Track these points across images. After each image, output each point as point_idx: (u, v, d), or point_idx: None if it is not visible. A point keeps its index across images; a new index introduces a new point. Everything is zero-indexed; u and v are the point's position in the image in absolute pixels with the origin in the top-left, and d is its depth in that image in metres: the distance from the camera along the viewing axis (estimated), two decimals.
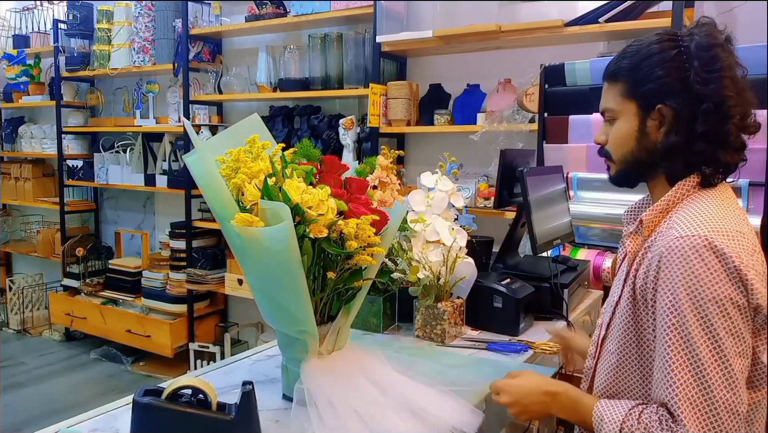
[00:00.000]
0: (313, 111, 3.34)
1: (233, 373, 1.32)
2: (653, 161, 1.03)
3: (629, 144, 1.05)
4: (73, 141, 4.42)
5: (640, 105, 1.02)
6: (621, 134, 1.05)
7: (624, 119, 1.05)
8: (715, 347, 0.88)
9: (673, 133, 0.99)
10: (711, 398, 0.87)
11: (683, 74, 0.97)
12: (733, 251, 0.89)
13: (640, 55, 1.02)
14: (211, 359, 3.65)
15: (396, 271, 1.46)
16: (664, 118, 1.00)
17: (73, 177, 4.31)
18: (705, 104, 0.96)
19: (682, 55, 0.98)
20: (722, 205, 0.98)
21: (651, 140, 1.02)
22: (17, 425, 3.13)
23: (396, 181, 1.31)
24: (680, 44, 0.99)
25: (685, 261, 0.90)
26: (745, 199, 1.88)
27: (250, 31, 3.48)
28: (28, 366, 3.98)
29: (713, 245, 0.89)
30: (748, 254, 0.91)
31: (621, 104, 1.05)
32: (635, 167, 1.06)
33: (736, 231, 0.92)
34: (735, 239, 0.91)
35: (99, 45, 4.01)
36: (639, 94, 1.02)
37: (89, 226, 4.68)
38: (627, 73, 1.03)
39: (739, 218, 0.97)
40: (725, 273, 0.88)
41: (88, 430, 1.04)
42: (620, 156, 1.07)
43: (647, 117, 1.02)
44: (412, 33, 2.77)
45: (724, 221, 0.93)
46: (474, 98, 2.82)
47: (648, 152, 1.03)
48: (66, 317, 4.25)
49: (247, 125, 1.17)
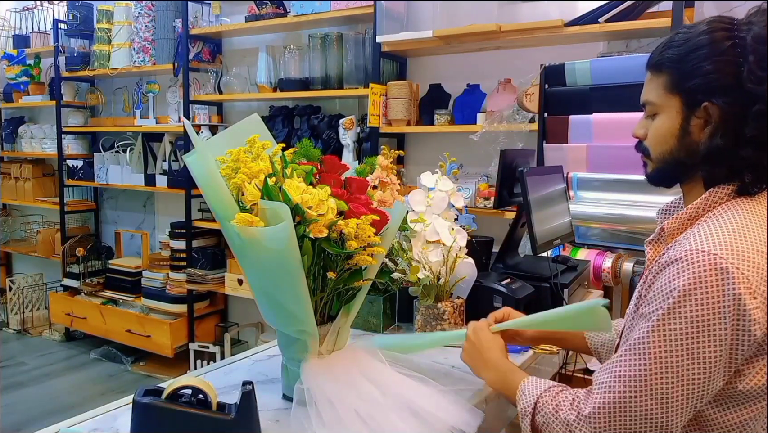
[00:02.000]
0: (313, 111, 3.34)
1: (233, 373, 1.32)
2: (693, 163, 0.95)
3: (669, 142, 0.96)
4: (73, 141, 4.42)
5: (684, 101, 0.93)
6: (662, 131, 0.97)
7: (666, 115, 0.96)
8: (675, 362, 0.84)
9: (718, 135, 0.90)
10: (640, 406, 0.86)
11: (735, 69, 0.88)
12: (741, 274, 0.82)
13: (688, 45, 0.92)
14: (211, 359, 3.65)
15: (396, 271, 1.46)
16: (710, 117, 0.91)
17: (73, 177, 4.31)
18: (757, 106, 0.87)
19: (736, 48, 0.88)
20: (753, 218, 0.89)
21: (693, 140, 0.93)
22: (17, 425, 3.13)
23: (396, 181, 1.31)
24: (735, 35, 0.89)
25: (686, 274, 0.84)
26: None
27: (250, 31, 3.48)
28: (28, 366, 3.98)
29: (720, 267, 0.83)
30: (761, 278, 0.83)
31: (664, 98, 0.96)
32: (674, 167, 0.98)
33: (757, 250, 0.85)
34: (750, 259, 0.83)
35: (99, 45, 4.01)
36: (684, 89, 0.93)
37: (89, 226, 4.68)
38: (672, 65, 0.94)
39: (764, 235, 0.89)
40: (721, 299, 0.82)
41: (88, 430, 1.04)
42: (659, 154, 0.99)
43: (691, 114, 0.93)
44: (412, 33, 2.77)
45: (746, 237, 0.86)
46: (474, 98, 2.82)
47: (689, 153, 0.95)
48: (66, 317, 4.25)
49: (247, 125, 1.17)
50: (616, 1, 2.28)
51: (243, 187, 1.02)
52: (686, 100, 0.93)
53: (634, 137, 1.03)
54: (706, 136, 0.92)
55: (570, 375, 1.63)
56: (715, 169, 0.93)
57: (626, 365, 0.89)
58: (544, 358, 1.50)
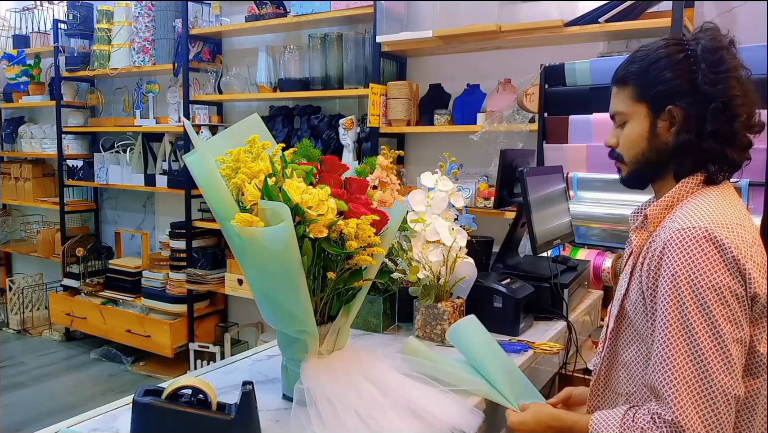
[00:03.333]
0: (313, 111, 3.34)
1: (233, 373, 1.32)
2: (663, 161, 1.07)
3: (641, 145, 1.08)
4: (73, 141, 4.42)
5: (650, 107, 1.06)
6: (632, 136, 1.09)
7: (635, 121, 1.08)
8: (714, 333, 0.91)
9: (684, 132, 1.02)
10: (708, 383, 0.90)
11: (691, 76, 1.01)
12: (731, 242, 0.93)
13: (648, 59, 1.05)
14: (211, 359, 3.65)
15: (396, 271, 1.46)
16: (675, 119, 1.03)
17: (73, 177, 4.31)
18: (713, 104, 1.00)
19: (689, 59, 1.02)
20: (724, 200, 1.02)
21: (662, 140, 1.06)
22: (17, 425, 3.13)
23: (396, 181, 1.31)
24: (687, 48, 1.03)
25: (686, 251, 0.94)
26: (745, 199, 1.88)
27: (250, 31, 3.48)
28: (28, 366, 3.98)
29: (712, 236, 0.93)
30: (747, 246, 0.94)
31: (631, 107, 1.08)
32: (646, 168, 1.09)
33: (736, 224, 0.96)
34: (734, 230, 0.95)
35: (99, 45, 4.01)
36: (649, 96, 1.05)
37: (89, 226, 4.68)
38: (637, 77, 1.07)
39: (740, 211, 1.01)
40: (723, 263, 0.92)
41: (88, 430, 1.04)
42: (632, 157, 1.10)
43: (657, 118, 1.05)
44: (412, 33, 2.77)
45: (725, 214, 0.97)
46: (474, 98, 2.82)
47: (658, 152, 1.07)
48: (66, 317, 4.25)
49: (247, 125, 1.17)
50: (616, 1, 2.27)
51: (243, 187, 1.02)
52: (652, 106, 1.06)
53: (607, 146, 1.15)
54: (673, 135, 1.04)
55: (570, 375, 1.63)
56: (683, 163, 1.05)
57: (677, 355, 0.92)
58: (544, 358, 1.51)
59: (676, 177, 1.07)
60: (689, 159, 1.04)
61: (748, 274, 0.92)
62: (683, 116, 1.03)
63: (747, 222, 0.99)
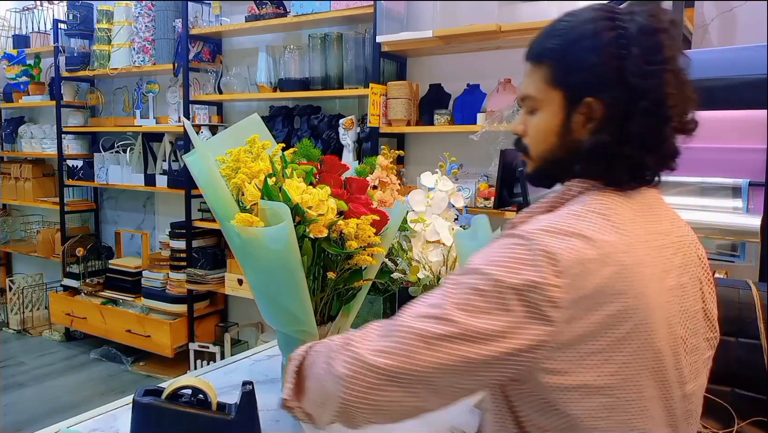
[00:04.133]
0: (313, 111, 3.34)
1: (233, 373, 1.33)
2: (573, 161, 0.86)
3: (550, 140, 0.87)
4: (73, 141, 4.42)
5: (566, 96, 0.85)
6: (542, 128, 0.88)
7: (546, 111, 0.87)
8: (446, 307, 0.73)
9: (601, 132, 0.82)
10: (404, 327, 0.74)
11: (619, 63, 0.80)
12: (549, 250, 0.72)
13: (571, 35, 0.84)
14: (211, 359, 3.65)
15: (396, 271, 1.46)
16: (593, 114, 0.83)
17: (73, 177, 4.31)
18: (642, 102, 0.80)
19: (619, 39, 0.81)
20: (603, 209, 0.80)
21: (575, 138, 0.85)
22: (17, 425, 3.13)
23: (396, 181, 1.31)
24: (619, 25, 0.82)
25: (502, 240, 0.77)
26: (745, 199, 1.88)
27: (250, 31, 3.48)
28: (28, 366, 3.98)
29: (532, 237, 0.74)
30: (578, 260, 0.72)
31: (544, 92, 0.87)
32: (554, 166, 0.89)
33: (580, 235, 0.75)
34: (568, 241, 0.73)
35: (99, 45, 4.01)
36: (566, 83, 0.84)
37: (89, 226, 4.68)
38: (554, 57, 0.85)
39: (617, 227, 0.77)
40: (527, 255, 0.72)
41: (88, 430, 1.04)
42: (539, 153, 0.90)
43: (573, 110, 0.84)
44: (412, 33, 2.77)
45: (575, 223, 0.76)
46: (474, 98, 2.82)
47: (569, 151, 0.86)
48: (66, 317, 4.25)
49: (247, 125, 1.17)
50: (616, 1, 2.27)
51: (243, 187, 1.02)
52: (568, 95, 0.85)
53: (514, 134, 0.95)
54: (588, 133, 0.83)
55: None
56: (592, 167, 0.84)
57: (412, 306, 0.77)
58: None
59: (580, 174, 0.87)
60: (601, 163, 0.83)
61: (541, 285, 0.71)
62: (603, 112, 0.82)
63: (618, 240, 0.76)
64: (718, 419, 1.19)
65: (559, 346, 0.72)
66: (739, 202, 1.62)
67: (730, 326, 1.20)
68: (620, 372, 0.74)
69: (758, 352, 1.17)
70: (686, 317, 0.83)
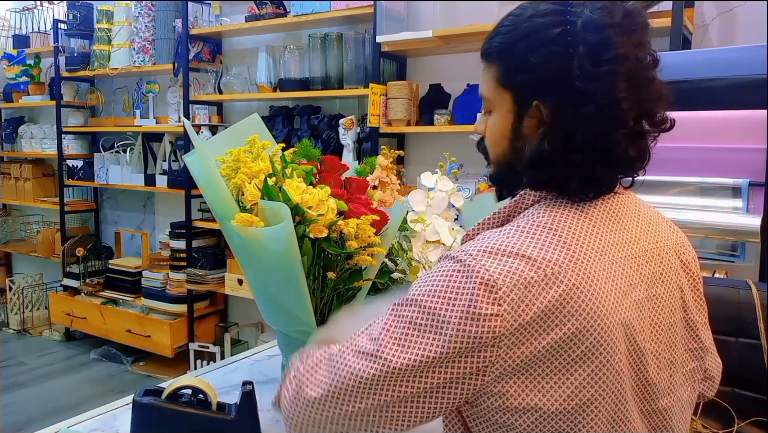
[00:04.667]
0: (313, 111, 3.34)
1: (233, 373, 1.33)
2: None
3: (503, 144, 0.82)
4: (73, 141, 4.42)
5: (515, 98, 0.79)
6: (495, 131, 0.83)
7: (498, 113, 0.82)
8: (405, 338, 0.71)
9: (545, 141, 0.76)
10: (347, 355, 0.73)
11: (565, 63, 0.72)
12: (486, 271, 0.69)
13: (517, 32, 0.77)
14: (211, 359, 3.65)
15: (396, 271, 1.46)
16: (543, 117, 0.76)
17: (73, 177, 4.31)
18: (587, 106, 0.72)
19: (566, 36, 0.73)
20: (552, 223, 0.74)
21: (525, 142, 0.79)
22: (17, 425, 3.13)
23: (396, 181, 1.31)
24: (567, 19, 0.74)
25: (438, 265, 0.74)
26: (744, 199, 1.88)
27: (250, 31, 3.48)
28: (28, 366, 3.98)
29: (467, 263, 0.70)
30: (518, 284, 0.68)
31: (495, 94, 0.81)
32: (508, 171, 0.84)
33: (520, 255, 0.70)
34: (508, 264, 0.69)
35: (99, 45, 4.01)
36: (513, 84, 0.78)
37: (89, 226, 4.68)
38: (500, 56, 0.79)
39: (561, 242, 0.72)
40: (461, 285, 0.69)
41: (88, 430, 1.04)
42: (494, 156, 0.85)
43: (524, 114, 0.78)
44: (412, 33, 2.77)
45: (517, 243, 0.71)
46: (474, 98, 2.81)
47: (520, 157, 0.79)
48: (66, 317, 4.25)
49: (247, 125, 1.17)
50: (616, 1, 2.27)
51: (243, 187, 1.02)
52: (517, 98, 0.79)
53: (477, 133, 0.89)
54: (539, 138, 0.77)
55: None
56: (537, 175, 0.78)
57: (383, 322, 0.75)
58: None
59: (527, 185, 0.81)
60: (546, 172, 0.77)
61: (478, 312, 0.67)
62: (550, 117, 0.75)
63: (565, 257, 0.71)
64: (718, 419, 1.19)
65: (504, 371, 0.69)
66: (739, 202, 1.62)
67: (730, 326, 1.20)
68: (576, 395, 0.69)
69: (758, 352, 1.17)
70: (659, 330, 0.78)
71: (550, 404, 0.70)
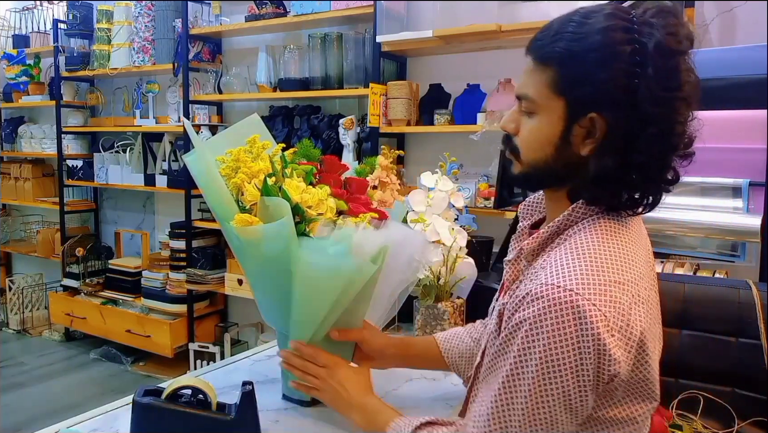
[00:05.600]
0: (313, 111, 3.34)
1: (233, 373, 1.33)
2: (568, 175, 0.82)
3: (546, 150, 0.82)
4: (73, 141, 4.42)
5: (569, 107, 0.79)
6: (538, 136, 0.83)
7: (546, 118, 0.81)
8: (534, 405, 0.75)
9: (606, 157, 0.78)
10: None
11: (631, 83, 0.74)
12: (598, 312, 0.72)
13: (584, 43, 0.77)
14: (211, 359, 3.65)
15: None
16: (594, 129, 0.78)
17: (73, 177, 4.31)
18: (651, 128, 0.75)
19: (635, 56, 0.74)
20: (613, 242, 0.79)
21: (573, 152, 0.80)
22: (17, 425, 3.13)
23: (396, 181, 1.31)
24: (636, 38, 0.75)
25: (542, 313, 0.74)
26: (745, 199, 1.88)
27: (250, 31, 3.48)
28: (28, 366, 3.98)
29: (576, 304, 0.72)
30: (621, 312, 0.73)
31: (546, 99, 0.80)
32: (545, 175, 0.85)
33: (613, 282, 0.74)
34: (607, 293, 0.73)
35: (99, 45, 4.01)
36: (572, 94, 0.78)
37: (89, 226, 4.68)
38: (561, 63, 0.79)
39: (628, 260, 0.78)
40: (578, 338, 0.72)
41: (88, 430, 1.04)
42: (531, 159, 0.85)
43: (574, 123, 0.79)
44: (412, 33, 2.77)
45: (603, 268, 0.75)
46: (474, 98, 2.82)
47: (565, 165, 0.81)
48: (66, 317, 4.25)
49: (247, 125, 1.17)
50: (616, 1, 2.27)
51: (243, 187, 1.02)
52: (571, 107, 0.79)
53: (503, 130, 0.89)
54: (588, 150, 0.79)
55: None
56: (598, 191, 0.80)
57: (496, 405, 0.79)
58: None
59: (571, 196, 0.84)
60: (605, 190, 0.80)
61: (608, 353, 0.72)
62: (606, 131, 0.77)
63: (630, 276, 0.77)
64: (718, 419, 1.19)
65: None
66: (740, 202, 1.62)
67: (730, 326, 1.20)
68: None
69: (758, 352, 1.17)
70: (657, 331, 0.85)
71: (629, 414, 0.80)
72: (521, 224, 0.98)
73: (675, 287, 1.26)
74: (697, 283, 1.29)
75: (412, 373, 1.29)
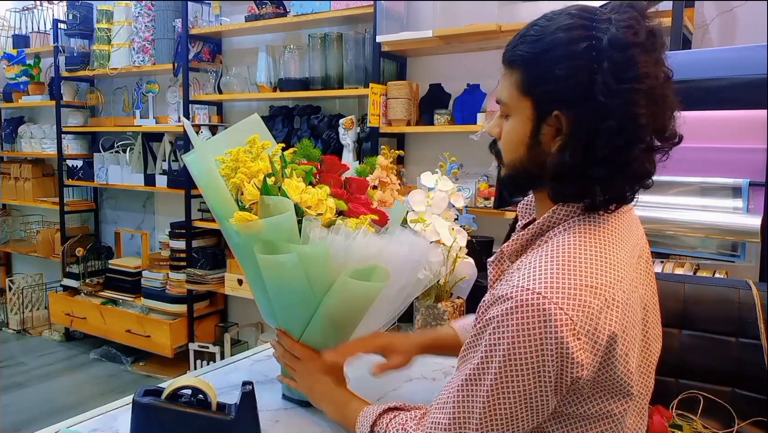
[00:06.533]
0: (313, 111, 3.34)
1: (233, 373, 1.32)
2: (542, 174, 0.83)
3: (520, 150, 0.85)
4: (73, 141, 4.42)
5: (535, 106, 0.82)
6: (512, 137, 0.86)
7: (517, 119, 0.85)
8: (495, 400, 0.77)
9: (566, 152, 0.79)
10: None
11: (589, 77, 0.76)
12: (564, 315, 0.72)
13: (542, 43, 0.80)
14: (211, 359, 3.65)
15: None
16: (561, 127, 0.80)
17: (73, 177, 4.31)
18: (609, 121, 0.76)
19: (591, 51, 0.76)
20: (593, 244, 0.79)
21: (544, 150, 0.82)
22: (17, 425, 3.13)
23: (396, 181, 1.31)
24: (593, 35, 0.77)
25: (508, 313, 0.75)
26: (745, 199, 1.88)
27: (250, 31, 3.48)
28: (28, 366, 3.98)
29: (543, 308, 0.73)
30: (590, 316, 0.74)
31: (516, 100, 0.84)
32: (524, 177, 0.88)
33: (584, 285, 0.75)
34: (576, 297, 0.74)
35: (99, 45, 4.01)
36: (535, 93, 0.81)
37: (89, 226, 4.68)
38: (524, 64, 0.82)
39: (605, 263, 0.78)
40: (541, 340, 0.73)
41: (88, 430, 1.04)
42: (509, 161, 0.88)
43: (543, 122, 0.81)
44: (412, 33, 2.77)
45: (575, 272, 0.76)
46: (474, 98, 2.82)
47: (537, 163, 0.83)
48: (66, 317, 4.25)
49: (247, 125, 1.17)
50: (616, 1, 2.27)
51: (242, 187, 1.02)
52: (537, 106, 0.82)
53: (489, 135, 0.93)
54: (556, 148, 0.80)
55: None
56: (562, 187, 0.82)
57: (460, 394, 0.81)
58: None
59: (553, 197, 0.85)
60: (571, 184, 0.81)
61: (571, 357, 0.73)
62: (570, 128, 0.78)
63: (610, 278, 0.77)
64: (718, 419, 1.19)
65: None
66: (739, 202, 1.62)
67: (730, 326, 1.20)
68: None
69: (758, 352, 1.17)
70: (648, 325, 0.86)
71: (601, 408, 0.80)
72: (518, 223, 1.00)
73: (675, 287, 1.26)
74: (697, 283, 1.29)
75: (412, 373, 1.29)
